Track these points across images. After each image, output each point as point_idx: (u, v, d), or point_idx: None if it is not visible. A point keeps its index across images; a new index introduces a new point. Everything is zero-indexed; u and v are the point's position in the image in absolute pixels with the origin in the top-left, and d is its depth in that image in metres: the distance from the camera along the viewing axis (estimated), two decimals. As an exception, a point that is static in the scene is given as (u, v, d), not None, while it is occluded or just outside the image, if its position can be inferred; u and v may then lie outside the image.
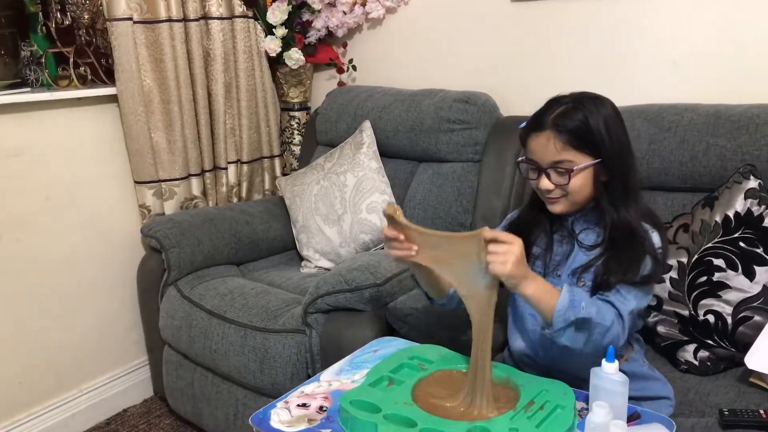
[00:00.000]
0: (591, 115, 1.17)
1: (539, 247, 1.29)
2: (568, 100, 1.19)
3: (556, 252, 1.28)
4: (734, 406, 1.31)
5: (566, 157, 1.17)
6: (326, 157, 2.23)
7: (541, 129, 1.18)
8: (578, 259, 1.24)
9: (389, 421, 1.05)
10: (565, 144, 1.16)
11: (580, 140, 1.16)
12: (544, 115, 1.19)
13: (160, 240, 1.99)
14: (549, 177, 1.19)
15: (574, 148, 1.17)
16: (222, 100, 2.28)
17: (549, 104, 1.21)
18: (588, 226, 1.25)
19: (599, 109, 1.18)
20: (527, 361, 1.33)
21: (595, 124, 1.16)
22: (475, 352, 1.13)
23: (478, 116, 2.06)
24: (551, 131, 1.17)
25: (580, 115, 1.16)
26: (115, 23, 1.99)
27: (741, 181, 1.50)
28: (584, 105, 1.18)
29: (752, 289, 1.43)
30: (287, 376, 1.71)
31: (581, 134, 1.16)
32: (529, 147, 1.22)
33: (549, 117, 1.18)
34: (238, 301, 1.85)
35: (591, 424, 0.99)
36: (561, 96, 1.22)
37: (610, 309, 1.14)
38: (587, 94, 1.21)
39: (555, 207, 1.23)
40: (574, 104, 1.18)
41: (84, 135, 2.04)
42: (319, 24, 2.42)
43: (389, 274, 1.63)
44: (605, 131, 1.17)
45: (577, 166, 1.17)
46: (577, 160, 1.17)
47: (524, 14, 2.10)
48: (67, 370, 2.08)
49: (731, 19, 1.77)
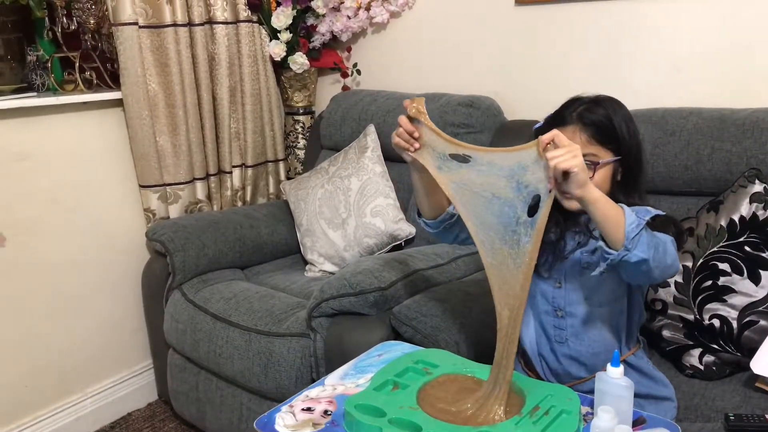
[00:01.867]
0: (613, 112, 1.21)
1: (549, 238, 1.27)
2: (588, 99, 1.23)
3: (568, 242, 1.27)
4: (740, 410, 1.30)
5: (591, 151, 1.19)
6: (330, 161, 2.24)
7: (565, 123, 1.20)
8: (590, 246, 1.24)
9: (394, 425, 1.04)
10: (590, 138, 1.19)
11: (604, 135, 1.19)
12: (566, 111, 1.22)
13: (164, 244, 1.99)
14: None
15: (598, 143, 1.19)
16: (227, 104, 2.29)
17: (569, 102, 1.24)
18: None
19: (619, 108, 1.23)
20: (539, 350, 1.31)
21: (617, 121, 1.20)
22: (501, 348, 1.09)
23: (482, 120, 2.06)
24: (577, 125, 1.19)
25: (604, 112, 1.20)
26: (120, 28, 2.00)
27: (746, 185, 1.49)
28: (605, 103, 1.22)
29: (758, 293, 1.42)
30: (292, 380, 1.71)
31: (606, 129, 1.19)
32: None
33: (573, 112, 1.20)
34: (243, 304, 1.86)
35: (596, 428, 0.99)
36: (579, 96, 1.25)
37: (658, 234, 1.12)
38: (604, 95, 1.24)
39: (572, 203, 1.20)
40: (595, 101, 1.22)
41: (89, 139, 2.05)
42: (324, 28, 2.43)
43: (394, 278, 1.63)
44: (626, 129, 1.21)
45: (603, 160, 1.19)
46: (600, 155, 1.20)
47: (528, 18, 2.10)
48: (72, 374, 2.08)
49: (735, 23, 1.77)
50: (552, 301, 1.29)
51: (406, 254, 1.80)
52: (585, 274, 1.24)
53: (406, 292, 1.64)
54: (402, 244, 2.07)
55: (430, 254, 1.81)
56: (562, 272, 1.28)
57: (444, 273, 1.75)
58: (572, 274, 1.27)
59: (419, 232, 2.08)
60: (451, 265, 1.78)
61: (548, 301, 1.29)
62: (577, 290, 1.26)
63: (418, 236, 2.08)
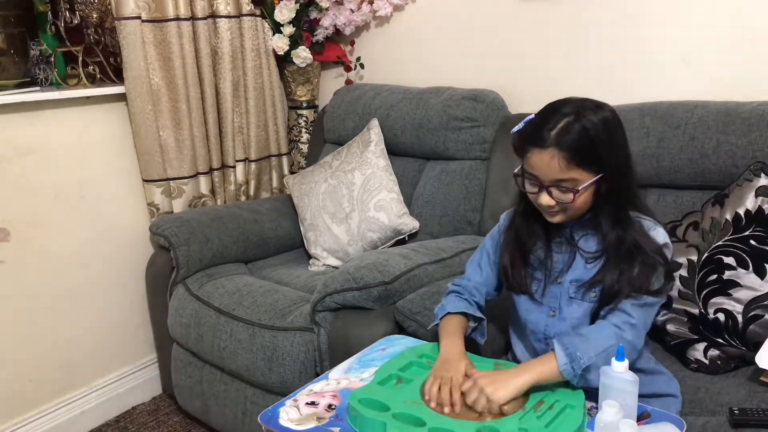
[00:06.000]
0: (592, 126, 1.12)
1: (537, 256, 1.27)
2: (568, 110, 1.13)
3: (556, 260, 1.26)
4: (745, 405, 1.30)
5: (571, 176, 1.13)
6: (334, 155, 2.23)
7: (542, 146, 1.12)
8: (579, 265, 1.23)
9: (398, 419, 1.05)
10: (569, 162, 1.11)
11: (583, 157, 1.12)
12: (543, 129, 1.13)
13: (168, 238, 1.99)
14: (551, 194, 1.16)
15: (577, 166, 1.12)
16: (230, 98, 2.29)
17: (547, 114, 1.15)
18: (587, 231, 1.23)
19: (600, 119, 1.13)
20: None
21: (596, 135, 1.11)
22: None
23: (486, 114, 2.05)
24: (555, 149, 1.11)
25: (582, 128, 1.11)
26: (123, 22, 1.99)
27: (752, 178, 1.48)
28: (584, 115, 1.12)
29: (763, 287, 1.42)
30: (296, 374, 1.71)
31: (584, 150, 1.12)
32: (529, 161, 1.16)
33: (550, 133, 1.12)
34: (247, 299, 1.86)
35: (601, 423, 0.99)
36: (559, 104, 1.17)
37: (608, 328, 1.15)
38: (587, 104, 1.15)
39: (554, 218, 1.20)
40: (575, 116, 1.12)
41: (93, 133, 2.05)
42: (327, 22, 2.42)
43: (398, 272, 1.63)
44: (607, 143, 1.13)
45: (582, 186, 1.13)
46: (581, 178, 1.13)
47: (532, 11, 2.09)
48: (76, 368, 2.09)
49: (741, 16, 1.75)
50: (544, 330, 1.27)
51: (409, 248, 1.80)
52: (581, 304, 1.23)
53: (409, 286, 1.64)
54: (406, 238, 2.07)
55: (433, 248, 1.81)
56: (557, 299, 1.25)
57: (448, 267, 1.75)
58: (568, 303, 1.24)
59: (423, 226, 2.08)
60: (455, 260, 1.78)
61: (540, 330, 1.28)
62: (572, 320, 1.24)
63: (422, 230, 2.08)
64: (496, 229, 1.38)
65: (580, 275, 1.23)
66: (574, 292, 1.23)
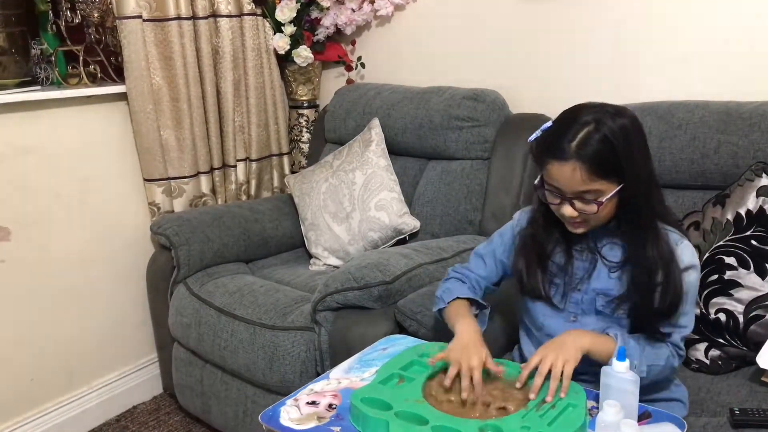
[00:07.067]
0: (613, 135, 1.10)
1: (556, 263, 1.26)
2: (588, 119, 1.11)
3: (577, 267, 1.24)
4: (745, 405, 1.30)
5: (594, 187, 1.11)
6: (335, 154, 2.23)
7: (563, 158, 1.10)
8: (603, 275, 1.22)
9: (400, 418, 1.05)
10: (591, 174, 1.10)
11: (606, 168, 1.10)
12: (563, 141, 1.11)
13: (169, 237, 1.99)
14: (574, 206, 1.14)
15: (600, 177, 1.10)
16: (231, 97, 2.29)
17: (566, 124, 1.13)
18: (611, 240, 1.22)
19: (620, 127, 1.11)
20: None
21: (618, 145, 1.10)
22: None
23: (487, 114, 2.05)
24: (576, 161, 1.09)
25: (603, 138, 1.09)
26: (124, 21, 1.99)
27: (753, 178, 1.48)
28: (605, 123, 1.10)
29: (764, 287, 1.42)
30: (296, 373, 1.71)
31: (607, 161, 1.10)
32: (549, 173, 1.15)
33: (570, 144, 1.10)
34: (248, 298, 1.86)
35: (602, 422, 0.99)
36: (577, 111, 1.14)
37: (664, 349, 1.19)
38: (606, 110, 1.13)
39: (578, 229, 1.19)
40: (595, 124, 1.10)
41: (94, 133, 2.05)
42: (328, 21, 2.42)
43: (398, 272, 1.63)
44: (629, 151, 1.11)
45: (606, 197, 1.12)
46: (604, 189, 1.12)
47: (533, 11, 2.09)
48: (77, 367, 2.09)
49: (742, 16, 1.75)
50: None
51: (410, 248, 1.80)
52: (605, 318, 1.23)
53: (410, 286, 1.64)
54: (406, 238, 2.07)
55: (434, 248, 1.81)
56: (579, 305, 1.25)
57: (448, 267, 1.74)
58: (589, 310, 1.24)
59: (423, 225, 2.08)
60: (455, 259, 1.78)
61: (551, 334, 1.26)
62: (593, 326, 1.23)
63: (423, 230, 2.08)
64: (509, 229, 1.36)
65: (605, 286, 1.22)
66: (602, 306, 1.22)
